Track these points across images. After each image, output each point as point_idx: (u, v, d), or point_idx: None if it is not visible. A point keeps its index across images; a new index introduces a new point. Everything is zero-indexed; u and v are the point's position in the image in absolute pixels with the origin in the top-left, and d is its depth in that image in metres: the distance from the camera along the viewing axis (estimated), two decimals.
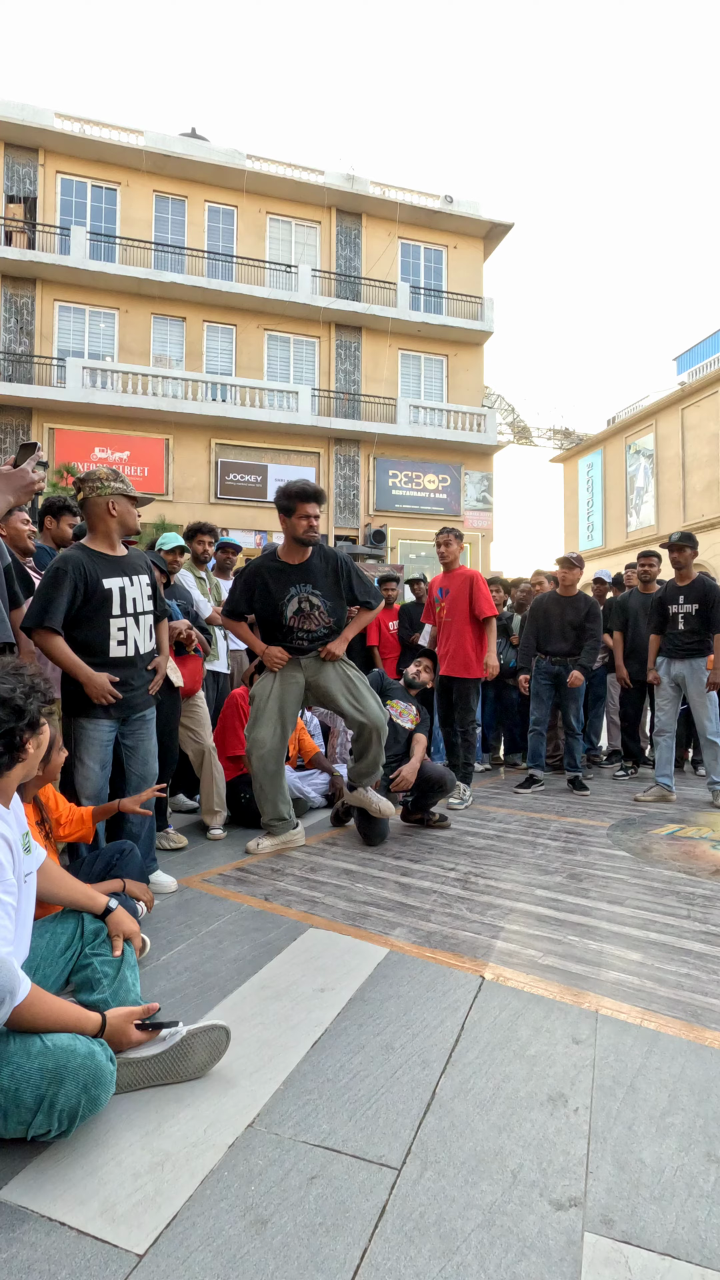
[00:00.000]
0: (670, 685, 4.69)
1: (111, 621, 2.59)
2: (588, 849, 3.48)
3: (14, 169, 14.94)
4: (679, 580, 4.69)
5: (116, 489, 2.62)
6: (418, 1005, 1.88)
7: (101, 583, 2.56)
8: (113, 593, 2.59)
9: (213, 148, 15.78)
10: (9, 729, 1.44)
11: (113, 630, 2.60)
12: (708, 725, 4.50)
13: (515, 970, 2.11)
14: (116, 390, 14.64)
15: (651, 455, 20.36)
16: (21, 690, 1.49)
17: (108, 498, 2.61)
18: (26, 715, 1.48)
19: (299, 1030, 1.74)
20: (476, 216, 17.28)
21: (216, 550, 4.87)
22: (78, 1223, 1.15)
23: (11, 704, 1.45)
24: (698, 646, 4.55)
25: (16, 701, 1.46)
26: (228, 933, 2.35)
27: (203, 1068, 1.55)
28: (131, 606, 2.65)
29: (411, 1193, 1.23)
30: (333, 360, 16.65)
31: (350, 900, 2.69)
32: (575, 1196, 1.23)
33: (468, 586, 4.56)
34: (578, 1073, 1.59)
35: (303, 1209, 1.19)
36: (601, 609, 6.10)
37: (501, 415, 23.30)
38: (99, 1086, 1.32)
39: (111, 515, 2.62)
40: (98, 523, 2.64)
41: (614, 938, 2.36)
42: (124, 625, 2.63)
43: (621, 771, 5.65)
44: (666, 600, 4.74)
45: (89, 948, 1.79)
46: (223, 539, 5.07)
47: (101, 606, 2.56)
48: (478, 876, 3.02)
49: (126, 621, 2.64)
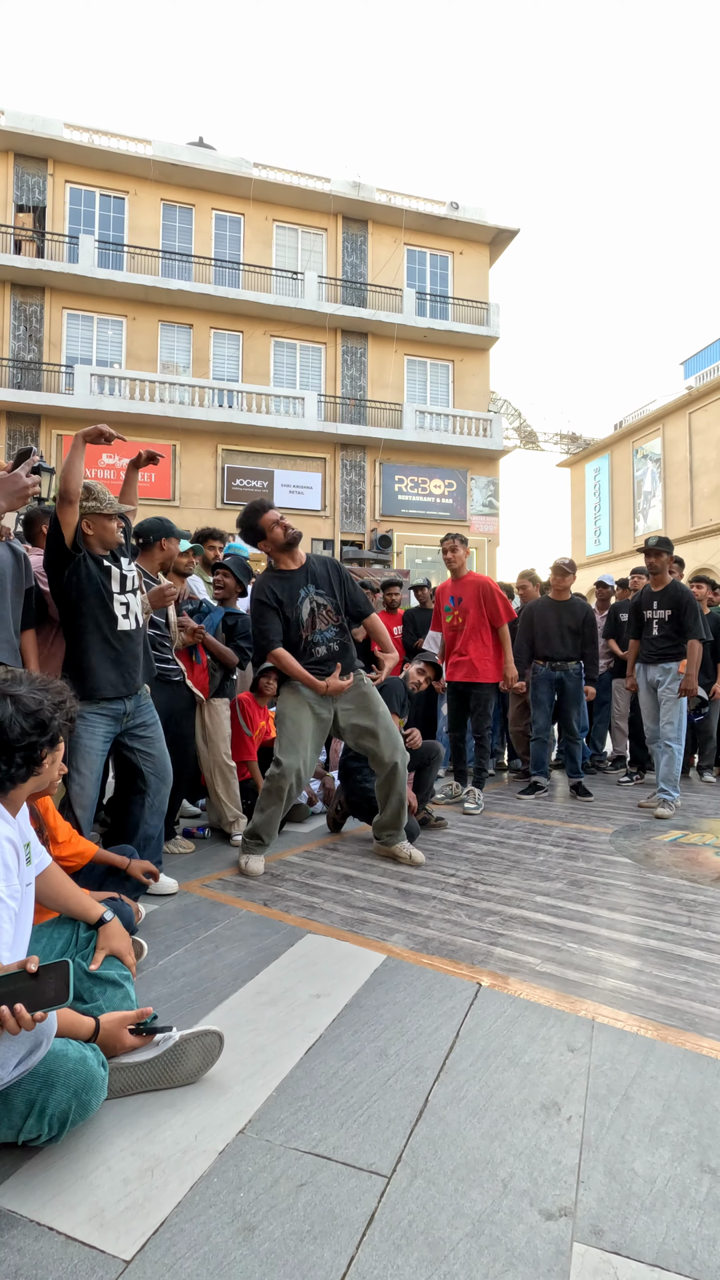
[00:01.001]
0: (647, 691, 4.69)
1: (114, 599, 2.69)
2: (589, 855, 3.46)
3: (24, 179, 15.10)
4: (654, 585, 4.71)
5: (88, 509, 2.63)
6: (413, 1012, 1.88)
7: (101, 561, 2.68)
8: (110, 570, 2.69)
9: (220, 156, 15.90)
10: (31, 742, 1.46)
11: (115, 607, 2.69)
12: (668, 730, 4.50)
13: (513, 978, 2.10)
14: (124, 397, 14.74)
15: (659, 460, 20.31)
16: (49, 705, 1.50)
17: (82, 516, 2.63)
18: (50, 731, 1.49)
19: (293, 1036, 1.74)
20: (482, 222, 17.33)
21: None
22: (66, 1228, 1.15)
23: (38, 717, 1.47)
24: (671, 651, 4.55)
25: (43, 716, 1.47)
26: (226, 938, 2.35)
27: (195, 1073, 1.55)
28: (131, 584, 2.76)
29: (400, 1201, 1.22)
30: (339, 366, 16.70)
31: (349, 906, 2.68)
32: (565, 1206, 1.22)
33: (483, 593, 4.59)
34: (572, 1081, 1.59)
35: (291, 1216, 1.18)
36: (606, 614, 6.12)
37: (508, 420, 23.30)
38: (90, 1092, 1.32)
39: (89, 533, 2.66)
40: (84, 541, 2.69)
41: (613, 945, 2.35)
42: (125, 600, 2.73)
43: (626, 778, 5.63)
44: (642, 606, 4.76)
45: (82, 955, 1.79)
46: (230, 545, 5.08)
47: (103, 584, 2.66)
48: (478, 883, 3.01)
49: (128, 598, 2.74)
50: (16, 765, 1.45)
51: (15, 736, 1.44)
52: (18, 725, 1.44)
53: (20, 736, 1.44)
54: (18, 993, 1.21)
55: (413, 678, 4.27)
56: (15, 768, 1.45)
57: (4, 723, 1.43)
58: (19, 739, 1.43)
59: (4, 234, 14.79)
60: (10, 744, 1.43)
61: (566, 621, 5.01)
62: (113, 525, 2.68)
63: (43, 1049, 1.28)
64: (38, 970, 1.23)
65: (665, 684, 4.52)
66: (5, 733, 1.43)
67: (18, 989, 1.21)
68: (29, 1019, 1.19)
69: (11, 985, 1.21)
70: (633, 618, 4.83)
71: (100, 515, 2.65)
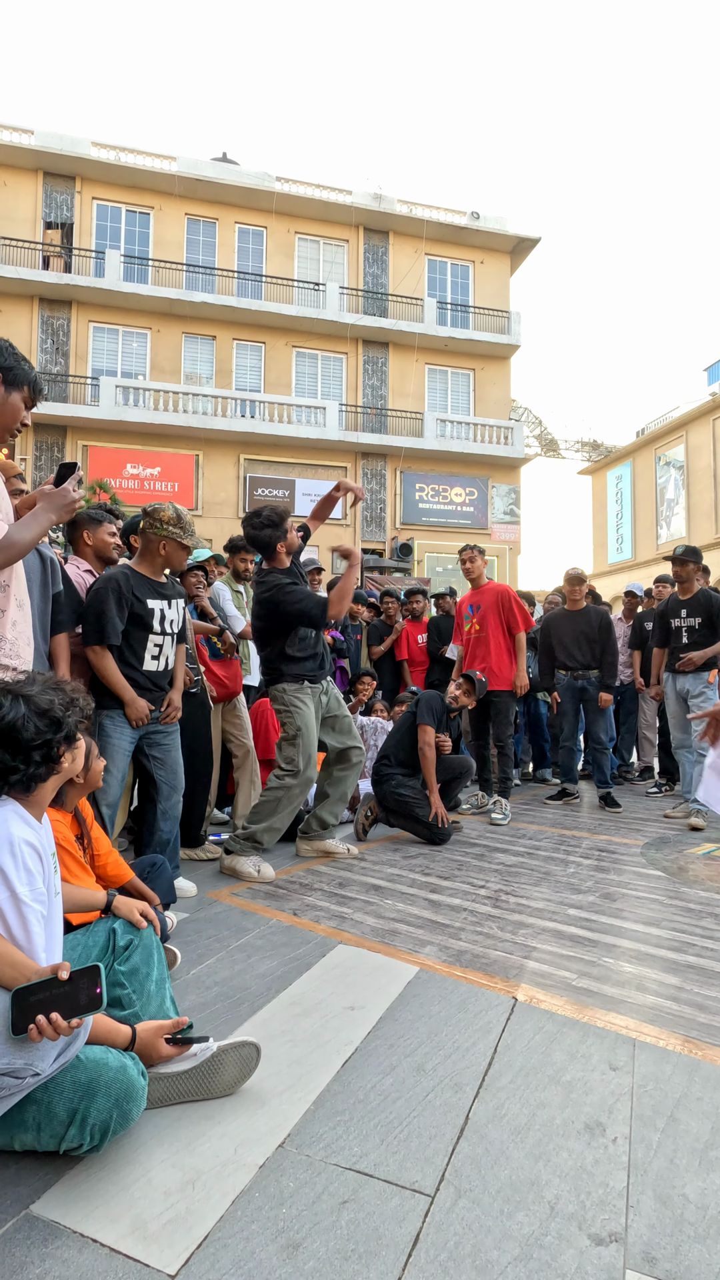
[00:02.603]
0: (676, 701, 4.62)
1: (150, 638, 2.75)
2: (621, 868, 3.40)
3: (53, 196, 15.43)
4: (681, 594, 4.66)
5: (172, 534, 2.77)
6: (449, 1026, 1.85)
7: (145, 602, 2.72)
8: (154, 612, 2.75)
9: (243, 171, 16.12)
10: (46, 740, 1.47)
11: (149, 645, 2.76)
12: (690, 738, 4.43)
13: (548, 992, 2.06)
14: (148, 408, 14.94)
15: (682, 466, 20.09)
16: (61, 703, 1.52)
17: (162, 538, 2.77)
18: (64, 728, 1.50)
19: (329, 1049, 1.73)
20: (503, 231, 17.35)
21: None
22: (110, 1240, 1.14)
23: (50, 716, 1.48)
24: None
25: (55, 714, 1.49)
26: (257, 947, 2.34)
27: (233, 1085, 1.54)
28: (169, 627, 2.82)
29: (445, 1221, 1.20)
30: (360, 376, 16.78)
31: (379, 916, 2.66)
32: (616, 1232, 1.19)
33: (501, 601, 4.62)
34: (615, 1101, 1.55)
35: (335, 1234, 1.16)
36: (632, 624, 6.05)
37: (529, 428, 23.24)
38: (130, 1101, 1.31)
39: (160, 554, 2.79)
40: (147, 552, 2.80)
41: (650, 960, 2.30)
42: (160, 642, 2.79)
43: (655, 789, 5.54)
44: (669, 614, 4.69)
45: (118, 963, 1.79)
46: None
47: (140, 623, 2.72)
48: (508, 894, 2.97)
49: (163, 640, 2.80)
50: (35, 764, 1.46)
51: (30, 736, 1.45)
52: (31, 725, 1.45)
53: (35, 735, 1.45)
54: (52, 999, 1.21)
55: (451, 692, 4.24)
56: (34, 766, 1.47)
57: (17, 723, 1.45)
58: (33, 738, 1.45)
59: (33, 250, 15.11)
60: (25, 743, 1.45)
61: (582, 629, 5.00)
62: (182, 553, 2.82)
63: (80, 1041, 1.30)
64: (70, 976, 1.24)
65: (696, 692, 4.45)
66: (19, 733, 1.44)
67: (53, 995, 1.21)
68: (65, 1026, 1.20)
69: (45, 992, 1.21)
70: (658, 626, 4.78)
71: (179, 543, 2.79)
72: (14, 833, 1.40)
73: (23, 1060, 1.20)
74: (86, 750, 2.05)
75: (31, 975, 1.27)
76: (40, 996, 1.21)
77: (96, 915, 1.89)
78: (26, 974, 1.27)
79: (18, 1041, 1.21)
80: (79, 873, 1.99)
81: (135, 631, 2.72)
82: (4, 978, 1.28)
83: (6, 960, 1.29)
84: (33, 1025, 1.18)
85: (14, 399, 1.78)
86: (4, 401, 1.76)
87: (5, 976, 1.28)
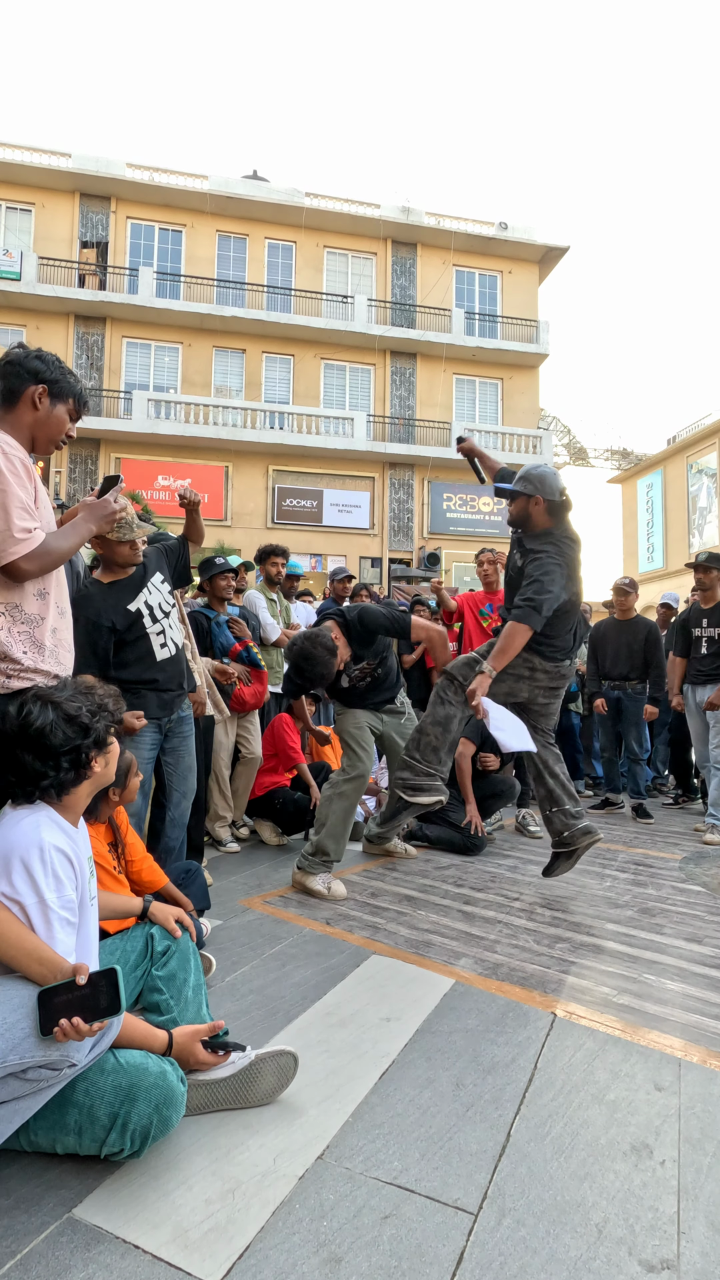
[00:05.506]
0: (696, 713, 4.52)
1: (149, 633, 2.64)
2: (659, 882, 3.32)
3: (88, 216, 15.84)
4: (704, 603, 4.53)
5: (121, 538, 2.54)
6: (487, 1040, 1.82)
7: (126, 609, 2.57)
8: (140, 611, 2.62)
9: (273, 188, 16.38)
10: (75, 746, 1.48)
11: (153, 639, 2.65)
12: (718, 753, 4.31)
13: (588, 1008, 2.02)
14: (179, 420, 15.18)
15: (714, 474, 19.74)
16: (89, 708, 1.53)
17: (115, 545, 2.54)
18: (93, 733, 1.51)
19: (366, 1060, 1.71)
20: (531, 241, 17.33)
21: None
22: (152, 1247, 1.14)
23: (79, 721, 1.49)
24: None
25: (83, 719, 1.50)
26: (291, 956, 2.33)
27: (270, 1094, 1.53)
28: (160, 612, 2.68)
29: (490, 1240, 1.17)
30: (388, 386, 16.86)
31: (413, 928, 2.64)
32: (667, 1259, 1.15)
33: None
34: (662, 1122, 1.50)
35: (377, 1249, 1.15)
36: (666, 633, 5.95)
37: (557, 437, 23.10)
38: (170, 1107, 1.31)
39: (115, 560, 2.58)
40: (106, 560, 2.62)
41: (693, 978, 2.24)
42: (162, 628, 2.68)
43: (671, 800, 5.49)
44: (690, 623, 4.58)
45: (156, 968, 1.80)
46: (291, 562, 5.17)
47: (135, 625, 2.60)
48: (544, 907, 2.92)
49: (163, 625, 2.69)
50: (64, 770, 1.48)
51: (59, 742, 1.46)
52: (60, 731, 1.47)
53: (64, 741, 1.46)
54: (73, 1002, 1.21)
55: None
56: (63, 772, 1.48)
57: (46, 729, 1.46)
58: (62, 744, 1.46)
59: (69, 269, 15.51)
60: (54, 749, 1.46)
61: (626, 640, 4.92)
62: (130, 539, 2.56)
63: (112, 1034, 1.31)
64: (87, 979, 1.24)
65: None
66: (48, 739, 1.45)
67: (72, 999, 1.22)
68: (87, 1029, 1.20)
69: (65, 994, 1.22)
70: (679, 636, 4.67)
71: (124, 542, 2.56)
72: (45, 838, 1.41)
73: (59, 1052, 1.21)
74: (127, 765, 2.06)
75: (59, 973, 1.28)
76: (63, 998, 1.22)
77: (133, 921, 1.91)
78: (55, 970, 1.29)
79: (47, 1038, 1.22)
80: (111, 885, 2.00)
81: (134, 637, 2.60)
82: (33, 974, 1.29)
83: (34, 956, 1.30)
84: (57, 1029, 1.19)
85: (59, 411, 1.82)
86: (50, 414, 1.80)
87: (34, 972, 1.29)
